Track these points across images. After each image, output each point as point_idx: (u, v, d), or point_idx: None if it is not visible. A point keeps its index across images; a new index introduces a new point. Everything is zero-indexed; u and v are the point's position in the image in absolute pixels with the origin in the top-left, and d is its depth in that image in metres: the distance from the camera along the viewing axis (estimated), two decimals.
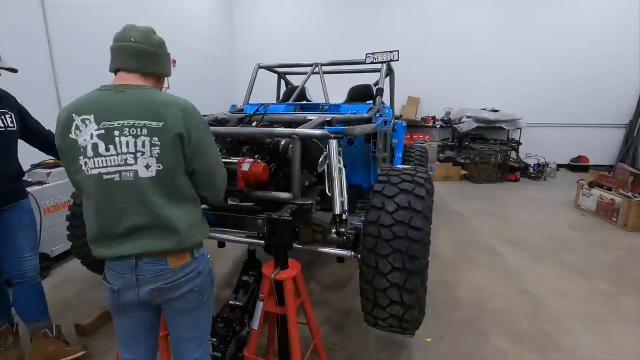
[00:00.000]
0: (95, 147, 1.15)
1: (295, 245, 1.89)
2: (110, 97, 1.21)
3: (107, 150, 1.15)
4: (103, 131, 1.15)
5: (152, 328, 1.42)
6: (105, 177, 1.16)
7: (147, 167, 1.17)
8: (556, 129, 8.11)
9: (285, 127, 2.22)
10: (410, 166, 1.98)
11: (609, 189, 4.90)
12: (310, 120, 2.26)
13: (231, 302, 2.03)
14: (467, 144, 7.57)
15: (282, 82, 4.55)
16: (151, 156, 1.17)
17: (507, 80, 8.06)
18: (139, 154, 1.16)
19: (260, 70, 3.95)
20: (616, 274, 3.38)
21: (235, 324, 1.90)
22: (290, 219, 1.56)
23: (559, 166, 7.91)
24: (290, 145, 2.00)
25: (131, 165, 1.16)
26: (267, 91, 4.66)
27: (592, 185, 5.17)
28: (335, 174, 2.03)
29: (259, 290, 1.71)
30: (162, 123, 1.17)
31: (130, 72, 1.30)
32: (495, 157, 7.06)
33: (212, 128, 2.26)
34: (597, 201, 4.99)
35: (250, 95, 3.80)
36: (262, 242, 1.71)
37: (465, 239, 4.20)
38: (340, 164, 2.07)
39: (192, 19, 7.01)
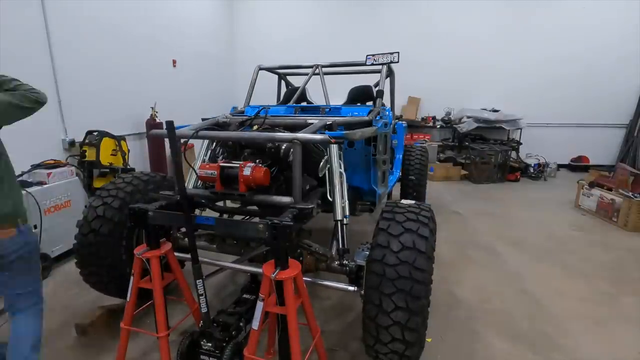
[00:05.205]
0: None
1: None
2: None
3: None
4: None
5: None
6: None
7: None
8: (556, 128, 8.12)
9: (286, 131, 2.23)
10: (414, 202, 2.00)
11: (609, 189, 4.91)
12: (310, 123, 2.27)
13: (229, 310, 2.04)
14: (467, 143, 7.58)
15: (283, 83, 4.56)
16: None
17: (507, 80, 8.07)
18: None
19: (260, 71, 3.96)
20: (616, 274, 3.39)
21: (232, 328, 1.89)
22: (292, 223, 1.57)
23: (559, 166, 7.91)
24: (291, 150, 2.02)
25: None
26: (267, 92, 4.67)
27: (592, 185, 5.18)
28: (336, 178, 2.04)
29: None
30: None
31: None
32: (495, 157, 7.07)
33: (213, 132, 2.29)
34: (597, 201, 5.01)
35: (250, 97, 3.81)
36: (260, 270, 1.72)
37: (465, 238, 4.22)
38: (340, 168, 2.09)
39: (192, 20, 7.01)
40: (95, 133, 4.28)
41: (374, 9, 8.26)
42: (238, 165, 1.95)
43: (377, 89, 3.40)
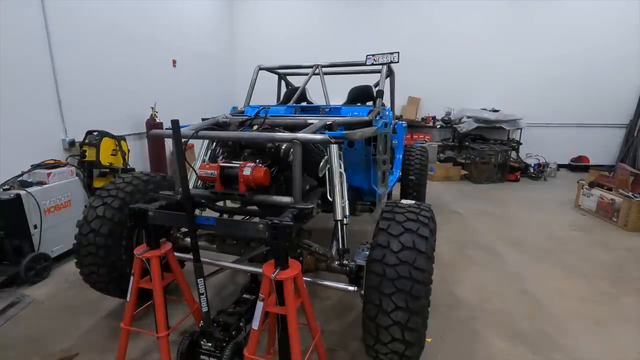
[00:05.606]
0: None
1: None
2: None
3: None
4: None
5: None
6: None
7: None
8: (556, 128, 8.12)
9: (286, 131, 2.23)
10: (414, 202, 2.00)
11: (609, 189, 4.91)
12: (310, 123, 2.27)
13: (229, 310, 2.03)
14: (467, 143, 7.58)
15: (283, 83, 4.56)
16: None
17: (507, 80, 8.07)
18: None
19: (260, 71, 3.96)
20: (616, 274, 3.39)
21: (232, 328, 1.89)
22: (292, 223, 1.57)
23: (559, 166, 7.92)
24: (291, 150, 2.02)
25: None
26: (267, 92, 4.67)
27: (592, 185, 5.18)
28: (336, 178, 2.04)
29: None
30: None
31: None
32: (495, 157, 7.07)
33: (213, 132, 2.29)
34: (597, 201, 5.00)
35: (250, 97, 3.81)
36: (260, 270, 1.72)
37: (465, 238, 4.22)
38: (340, 168, 2.09)
39: (192, 20, 7.01)
40: (95, 133, 4.28)
41: (374, 8, 8.26)
42: (238, 165, 1.95)
43: (377, 89, 3.39)
